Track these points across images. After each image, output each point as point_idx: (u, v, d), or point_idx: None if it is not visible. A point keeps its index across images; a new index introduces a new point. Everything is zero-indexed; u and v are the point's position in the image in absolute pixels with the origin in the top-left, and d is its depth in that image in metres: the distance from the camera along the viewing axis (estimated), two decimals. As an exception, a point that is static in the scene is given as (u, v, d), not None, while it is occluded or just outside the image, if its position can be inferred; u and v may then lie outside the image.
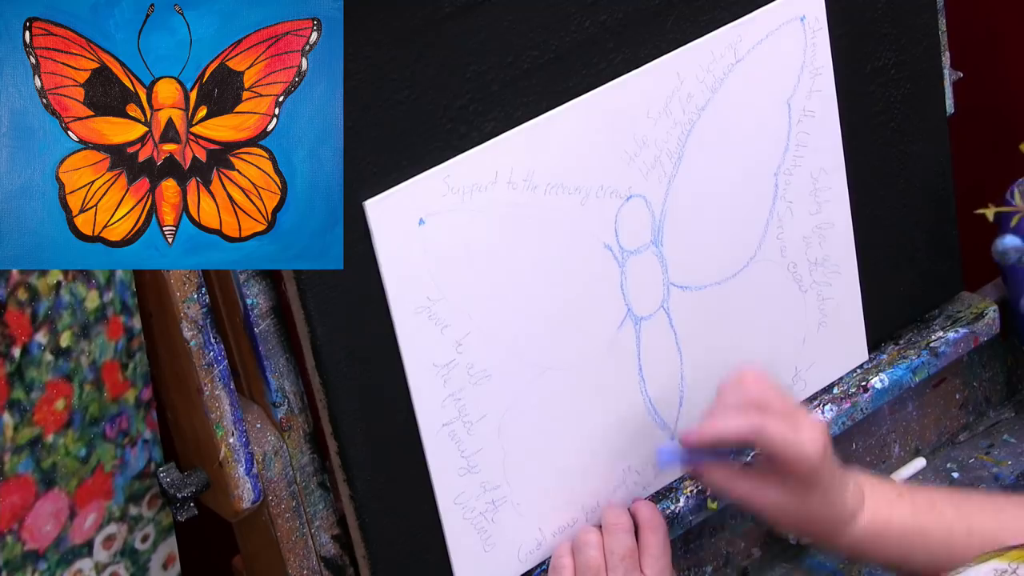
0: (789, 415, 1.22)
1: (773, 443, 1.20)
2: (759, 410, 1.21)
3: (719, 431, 1.23)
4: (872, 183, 1.41)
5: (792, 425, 1.21)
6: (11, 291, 1.04)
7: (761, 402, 1.22)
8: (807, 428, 1.21)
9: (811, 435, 1.21)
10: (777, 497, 1.23)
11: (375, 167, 1.12)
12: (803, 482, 1.22)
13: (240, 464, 1.16)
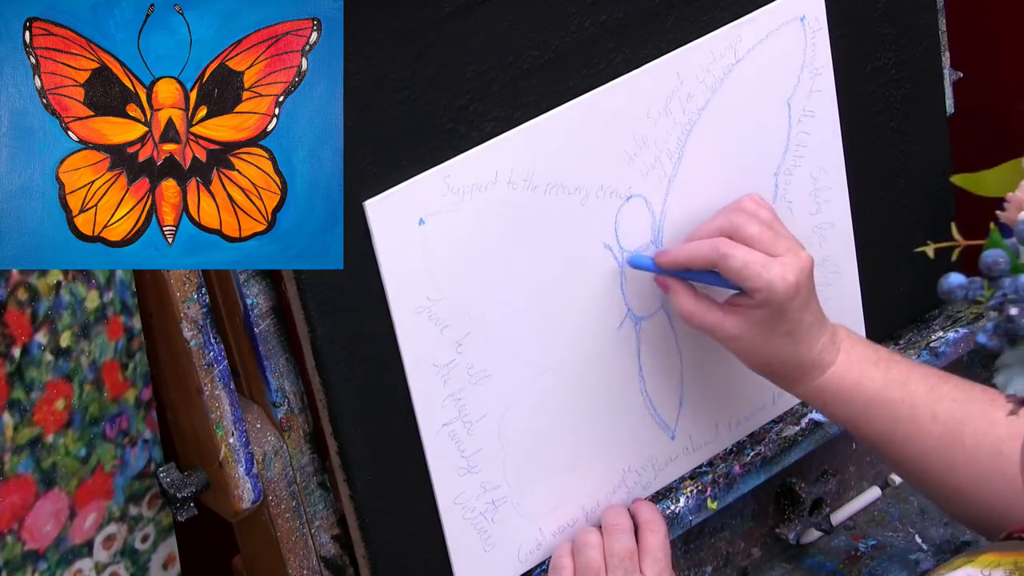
0: (769, 247, 1.20)
1: (734, 272, 1.19)
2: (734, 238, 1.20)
3: (686, 254, 1.22)
4: (872, 183, 1.41)
5: (765, 258, 1.19)
6: (11, 291, 1.04)
7: (737, 230, 1.21)
8: (780, 264, 1.19)
9: (781, 272, 1.19)
10: (741, 330, 1.22)
11: (375, 167, 1.12)
12: (768, 318, 1.20)
13: (240, 464, 1.16)
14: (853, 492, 1.51)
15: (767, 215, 1.24)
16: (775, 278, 1.19)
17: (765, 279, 1.19)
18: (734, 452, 1.38)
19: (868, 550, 1.48)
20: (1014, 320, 0.76)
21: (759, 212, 1.24)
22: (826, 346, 1.23)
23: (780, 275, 1.19)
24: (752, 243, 1.21)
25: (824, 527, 1.47)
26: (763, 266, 1.19)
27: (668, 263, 1.24)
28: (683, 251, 1.23)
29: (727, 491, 1.37)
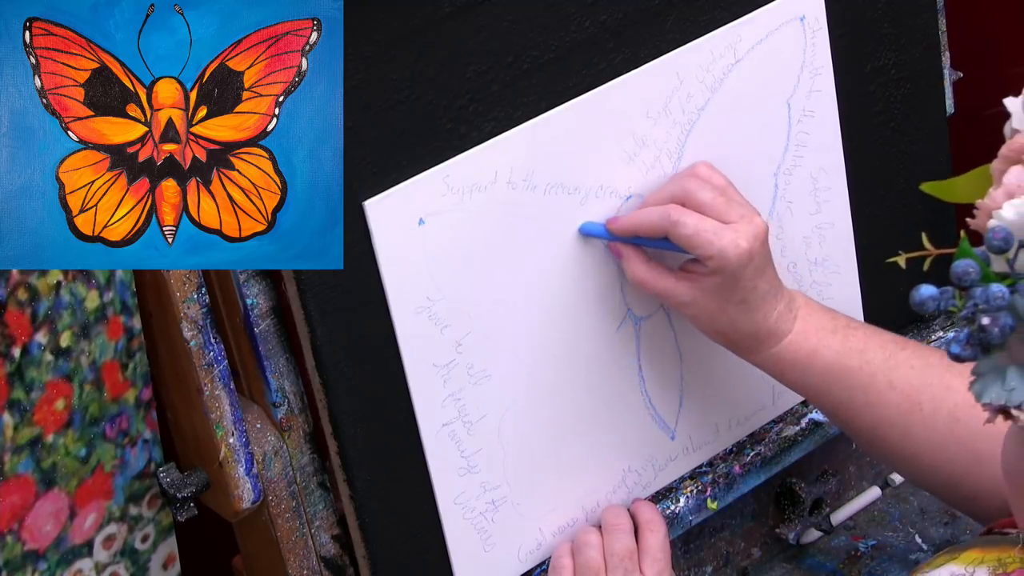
0: (722, 214, 1.18)
1: (684, 239, 1.18)
2: (687, 204, 1.19)
3: (637, 222, 1.21)
4: (872, 183, 1.41)
5: (717, 225, 1.18)
6: (11, 291, 1.04)
7: (688, 196, 1.19)
8: (733, 231, 1.18)
9: (734, 239, 1.17)
10: (694, 297, 1.20)
11: (375, 167, 1.12)
12: (721, 286, 1.19)
13: (240, 464, 1.16)
14: (853, 492, 1.51)
15: (720, 181, 1.22)
16: (727, 245, 1.17)
17: (717, 246, 1.17)
18: (734, 452, 1.38)
19: (868, 550, 1.48)
20: (986, 330, 0.76)
21: (712, 178, 1.22)
22: (782, 314, 1.22)
23: (732, 242, 1.17)
24: (704, 210, 1.19)
25: (824, 527, 1.47)
26: (715, 233, 1.17)
27: (619, 230, 1.22)
28: (634, 218, 1.21)
29: (727, 491, 1.37)
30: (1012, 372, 0.77)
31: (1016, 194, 0.78)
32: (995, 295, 0.75)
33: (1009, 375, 0.77)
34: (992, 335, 0.75)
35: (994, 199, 0.79)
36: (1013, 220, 0.77)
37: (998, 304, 0.75)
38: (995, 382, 0.77)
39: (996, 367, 0.77)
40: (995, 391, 0.77)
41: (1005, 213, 0.77)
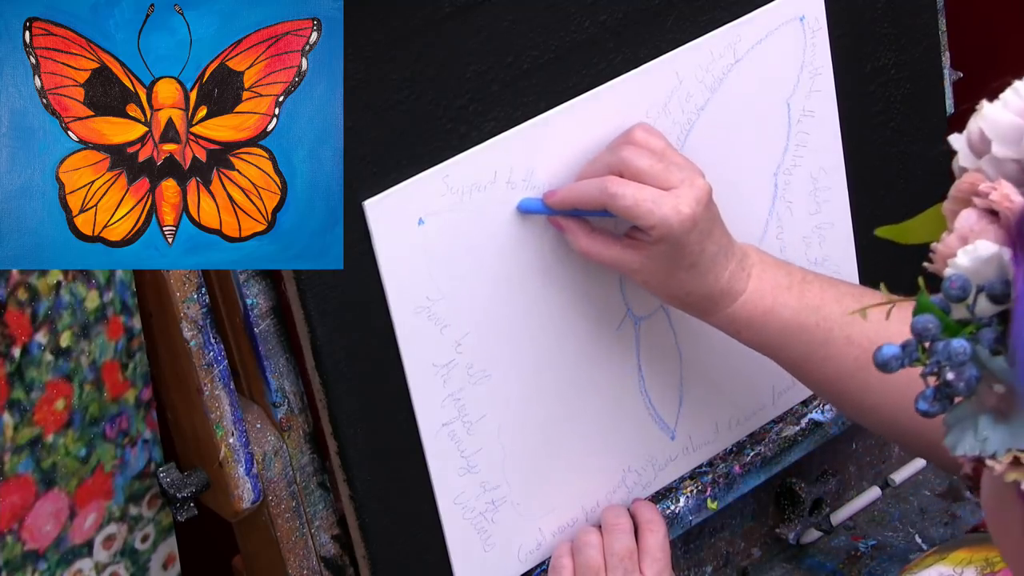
0: (662, 180, 1.15)
1: (624, 211, 1.15)
2: (624, 173, 1.16)
3: (575, 196, 1.18)
4: (872, 183, 1.41)
5: (656, 193, 1.15)
6: (11, 291, 1.04)
7: (625, 165, 1.16)
8: (674, 197, 1.15)
9: (675, 205, 1.14)
10: (642, 265, 1.18)
11: (375, 167, 1.12)
12: (668, 253, 1.16)
13: (240, 464, 1.16)
14: (853, 492, 1.51)
15: (659, 144, 1.19)
16: (668, 213, 1.14)
17: (658, 215, 1.14)
18: (734, 452, 1.38)
19: (868, 550, 1.48)
20: (952, 385, 0.75)
21: (649, 142, 1.18)
22: (735, 273, 1.19)
23: (674, 209, 1.14)
24: (643, 177, 1.15)
25: (824, 527, 1.47)
26: (655, 202, 1.14)
27: (558, 204, 1.18)
28: (571, 191, 1.18)
29: (727, 491, 1.37)
30: (983, 421, 0.75)
31: (969, 238, 0.77)
32: (956, 352, 0.74)
33: (981, 424, 0.75)
34: (958, 389, 0.75)
35: (948, 245, 0.78)
36: (969, 267, 0.76)
37: (960, 360, 0.74)
38: (967, 432, 0.76)
39: (967, 416, 0.76)
40: (968, 442, 0.76)
41: (960, 261, 0.76)
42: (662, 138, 1.20)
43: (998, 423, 0.75)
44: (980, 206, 0.77)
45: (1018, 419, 0.74)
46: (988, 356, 0.74)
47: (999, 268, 0.75)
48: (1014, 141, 0.79)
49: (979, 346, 0.75)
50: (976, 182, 0.78)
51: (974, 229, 0.77)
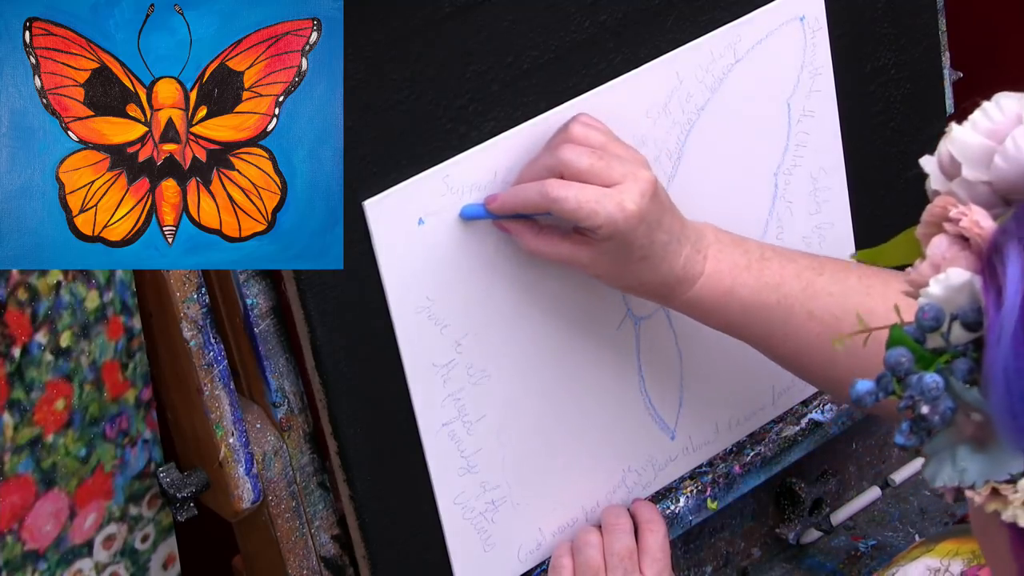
0: (604, 177, 1.13)
1: (568, 215, 1.13)
2: (565, 174, 1.14)
3: (517, 202, 1.16)
4: (872, 183, 1.41)
5: (598, 193, 1.13)
6: (11, 291, 1.04)
7: (566, 167, 1.14)
8: (618, 193, 1.13)
9: (619, 202, 1.12)
10: (594, 261, 1.16)
11: (375, 167, 1.12)
12: (617, 249, 1.15)
13: (240, 464, 1.16)
14: (853, 492, 1.51)
15: (598, 139, 1.16)
16: (613, 211, 1.12)
17: (603, 216, 1.13)
18: (734, 452, 1.38)
19: (868, 550, 1.48)
20: (927, 419, 0.74)
21: (589, 137, 1.16)
22: (690, 258, 1.18)
23: (618, 207, 1.13)
24: (584, 177, 1.13)
25: (824, 527, 1.47)
26: (598, 202, 1.12)
27: (499, 209, 1.16)
28: (512, 196, 1.16)
29: (727, 491, 1.37)
30: (962, 451, 0.75)
31: (942, 266, 0.76)
32: (929, 387, 0.74)
33: (959, 454, 0.75)
34: (933, 423, 0.74)
35: (922, 273, 0.77)
36: (941, 295, 0.75)
37: (934, 395, 0.74)
38: (946, 463, 0.75)
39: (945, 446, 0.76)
40: (947, 473, 0.75)
41: (933, 290, 0.75)
42: (603, 130, 1.18)
43: (976, 453, 0.74)
44: (951, 232, 0.76)
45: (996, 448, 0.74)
46: (962, 388, 0.74)
47: (971, 296, 0.75)
48: (984, 164, 0.78)
49: (953, 378, 0.74)
50: (947, 206, 0.77)
51: (946, 256, 0.76)
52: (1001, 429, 0.73)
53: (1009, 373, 0.72)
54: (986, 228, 0.75)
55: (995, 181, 0.78)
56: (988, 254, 0.75)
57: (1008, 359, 0.72)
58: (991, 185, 0.78)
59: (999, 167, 0.77)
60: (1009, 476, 0.73)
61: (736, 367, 1.34)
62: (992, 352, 0.72)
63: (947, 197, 0.78)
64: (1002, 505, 0.73)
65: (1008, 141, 0.77)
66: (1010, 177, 0.77)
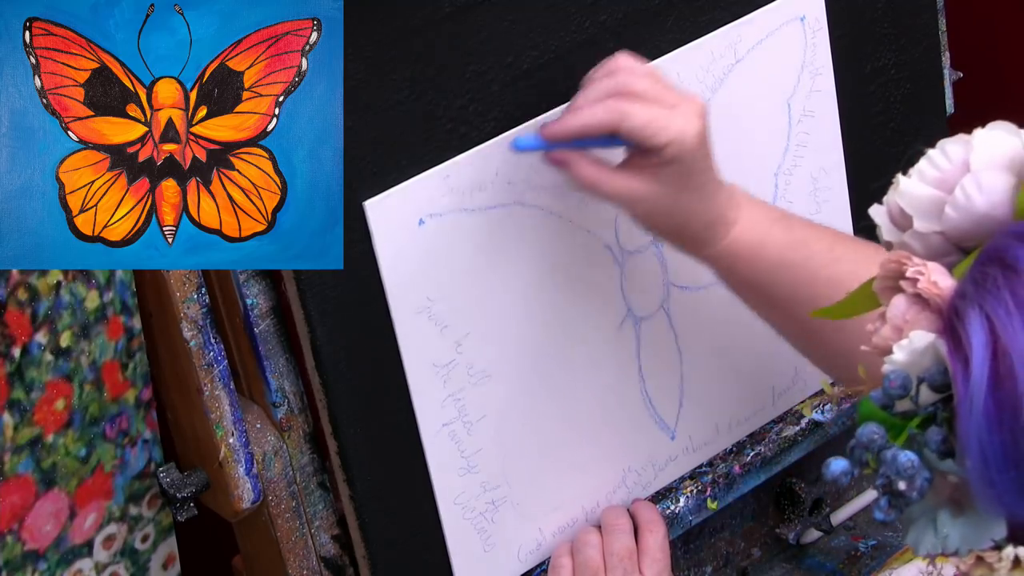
0: (660, 100, 1.12)
1: (637, 131, 1.10)
2: (623, 96, 1.12)
3: (581, 123, 1.12)
4: (872, 183, 1.41)
5: (666, 111, 1.11)
6: (11, 291, 1.04)
7: (627, 88, 1.12)
8: (682, 114, 1.11)
9: (685, 121, 1.11)
10: (650, 191, 1.13)
11: (375, 167, 1.12)
12: (677, 174, 1.12)
13: (240, 464, 1.16)
14: (853, 492, 1.51)
15: (648, 67, 1.15)
16: (682, 127, 1.11)
17: (673, 130, 1.10)
18: (734, 452, 1.38)
19: (868, 550, 1.48)
20: (904, 494, 0.74)
21: (637, 67, 1.14)
22: (727, 202, 1.16)
23: (684, 124, 1.11)
24: (645, 99, 1.12)
25: (824, 527, 1.47)
26: (667, 119, 1.11)
27: (559, 135, 1.13)
28: (576, 119, 1.12)
29: (727, 491, 1.37)
30: (942, 517, 0.74)
31: (904, 329, 0.76)
32: (904, 466, 0.73)
33: (940, 520, 0.74)
34: (911, 498, 0.74)
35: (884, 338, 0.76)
36: (906, 361, 0.75)
37: (909, 474, 0.73)
38: (927, 530, 0.75)
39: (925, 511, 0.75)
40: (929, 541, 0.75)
41: (897, 357, 0.74)
42: (645, 60, 1.17)
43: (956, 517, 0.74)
44: (910, 291, 0.76)
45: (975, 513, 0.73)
46: (936, 459, 0.74)
47: (936, 357, 0.74)
48: (934, 215, 0.77)
49: (926, 450, 0.74)
50: (902, 262, 0.76)
51: (907, 319, 0.76)
52: (979, 497, 0.72)
53: (984, 444, 0.71)
54: (944, 288, 0.74)
55: (948, 231, 0.77)
56: (949, 317, 0.74)
57: (982, 430, 0.71)
58: (944, 235, 0.77)
59: (951, 217, 0.76)
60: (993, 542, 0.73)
61: (736, 367, 1.34)
62: (964, 424, 0.72)
63: (901, 252, 0.77)
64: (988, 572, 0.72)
65: (957, 191, 0.76)
66: (963, 226, 0.76)
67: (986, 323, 0.72)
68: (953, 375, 0.72)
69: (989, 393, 0.71)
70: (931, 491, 0.74)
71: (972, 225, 0.76)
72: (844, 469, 0.75)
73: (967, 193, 0.76)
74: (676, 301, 1.30)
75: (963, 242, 0.77)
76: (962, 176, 0.76)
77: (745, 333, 1.35)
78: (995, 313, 0.72)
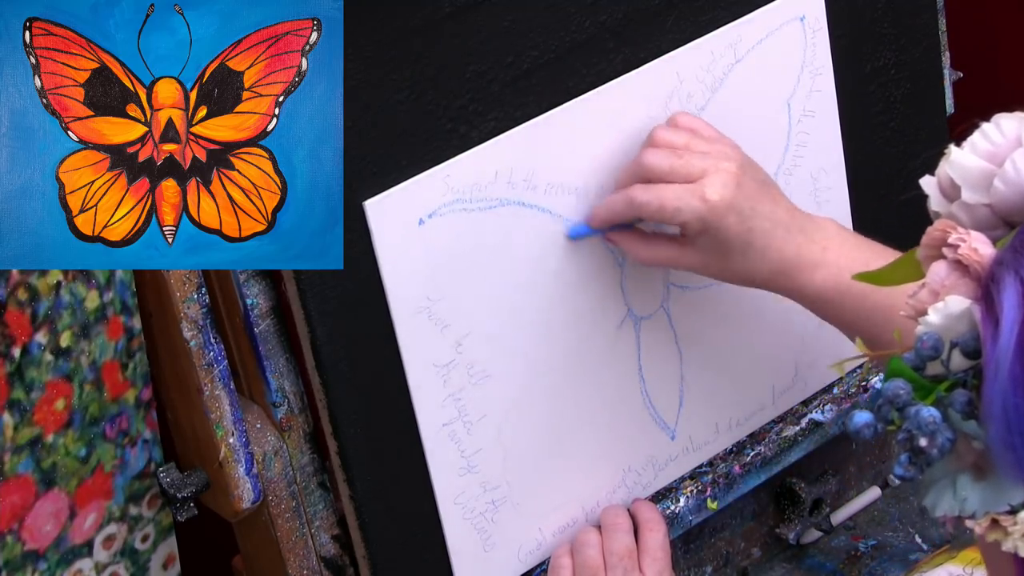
0: (687, 174, 1.14)
1: (653, 215, 1.15)
2: (650, 179, 1.15)
3: (608, 215, 1.18)
4: (872, 183, 1.41)
5: (678, 191, 1.14)
6: (11, 291, 1.04)
7: (645, 172, 1.16)
8: (700, 187, 1.13)
9: (701, 196, 1.13)
10: (695, 259, 1.17)
11: (375, 167, 1.12)
12: (714, 243, 1.15)
13: (240, 464, 1.16)
14: (853, 492, 1.51)
15: (680, 139, 1.18)
16: (696, 206, 1.13)
17: (686, 211, 1.14)
18: (734, 452, 1.38)
19: (868, 550, 1.48)
20: (925, 451, 0.74)
21: (671, 139, 1.18)
22: (804, 246, 1.16)
23: (700, 200, 1.13)
24: (667, 178, 1.15)
25: (824, 527, 1.47)
26: (679, 199, 1.14)
27: (599, 223, 1.20)
28: (604, 210, 1.19)
29: (727, 491, 1.37)
30: (962, 480, 0.74)
31: (941, 293, 0.76)
32: (926, 421, 0.74)
33: (959, 483, 0.74)
34: (931, 456, 0.74)
35: (921, 300, 0.76)
36: (940, 324, 0.75)
37: (931, 429, 0.74)
38: (946, 492, 0.75)
39: (945, 474, 0.75)
40: (947, 502, 0.75)
41: (931, 319, 0.75)
42: (685, 129, 1.18)
43: (977, 482, 0.74)
44: (951, 258, 0.76)
45: (995, 478, 0.73)
46: (960, 420, 0.74)
47: (971, 323, 0.74)
48: (983, 187, 0.78)
49: (951, 410, 0.74)
50: (947, 230, 0.77)
51: (945, 283, 0.76)
52: (999, 462, 0.73)
53: (1008, 407, 0.72)
54: (984, 256, 0.75)
55: (995, 204, 0.77)
56: (986, 283, 0.74)
57: (1007, 394, 0.72)
58: (991, 207, 0.78)
59: (999, 190, 0.77)
60: (1009, 507, 0.73)
61: (736, 367, 1.35)
62: (990, 386, 0.72)
63: (946, 221, 0.77)
64: (1002, 535, 0.72)
65: (1008, 164, 0.77)
66: (1010, 200, 0.77)
67: (1020, 288, 0.72)
68: (983, 338, 0.73)
69: (1017, 355, 0.71)
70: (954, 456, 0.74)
71: (1020, 199, 0.77)
72: (867, 421, 0.76)
73: (1017, 167, 0.77)
74: (676, 301, 1.30)
75: (1010, 216, 0.77)
76: (1013, 150, 0.77)
77: (745, 333, 1.35)
78: None
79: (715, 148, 1.18)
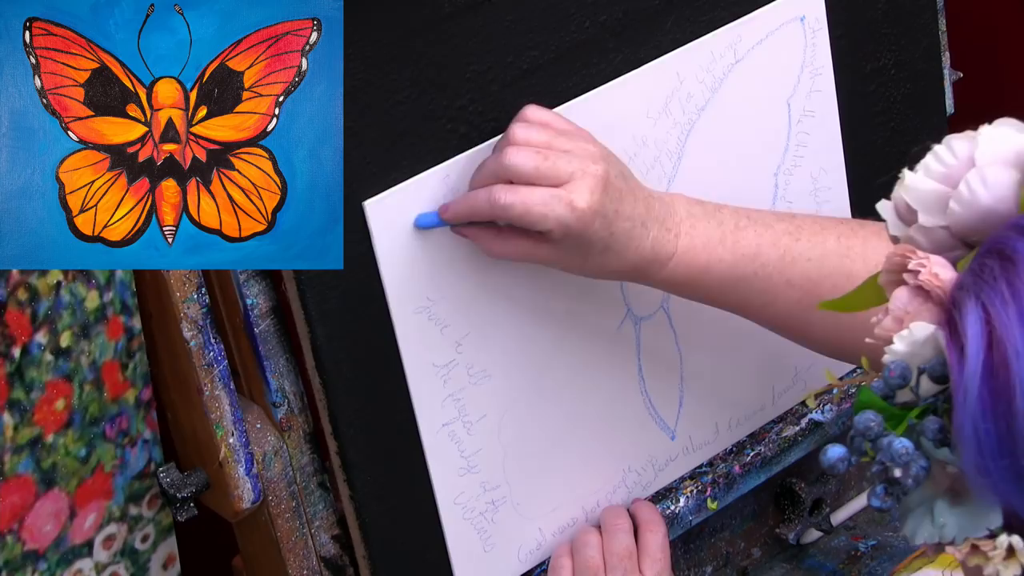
0: (552, 177, 1.10)
1: (517, 221, 1.11)
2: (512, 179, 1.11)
3: (468, 211, 1.13)
4: (872, 183, 1.41)
5: (546, 195, 1.10)
6: (11, 291, 1.04)
7: (508, 172, 1.11)
8: (567, 193, 1.10)
9: (568, 202, 1.10)
10: (556, 257, 1.14)
11: (375, 167, 1.12)
12: (576, 246, 1.13)
13: (240, 464, 1.16)
14: (853, 492, 1.51)
15: (541, 137, 1.13)
16: (563, 213, 1.10)
17: (552, 218, 1.10)
18: (734, 452, 1.38)
19: (868, 550, 1.48)
20: (900, 482, 0.74)
21: (530, 138, 1.13)
22: (659, 238, 1.15)
23: (568, 207, 1.10)
24: (532, 180, 1.11)
25: (824, 527, 1.47)
26: (545, 204, 1.10)
27: (452, 219, 1.14)
28: (462, 206, 1.14)
29: (727, 491, 1.37)
30: (940, 505, 0.75)
31: (904, 320, 0.76)
32: (899, 452, 0.74)
33: (937, 509, 0.74)
34: (907, 485, 0.74)
35: (886, 328, 0.76)
36: (906, 352, 0.75)
37: (904, 460, 0.74)
38: (924, 519, 0.75)
39: (922, 501, 0.75)
40: (926, 530, 0.75)
41: (897, 347, 0.75)
42: (546, 124, 1.15)
43: (954, 507, 0.74)
44: (912, 284, 0.76)
45: (972, 503, 0.73)
46: (933, 448, 0.74)
47: (937, 348, 0.74)
48: (939, 209, 0.78)
49: (923, 438, 0.74)
50: (906, 255, 0.77)
51: (908, 310, 0.76)
52: (974, 486, 0.73)
53: (979, 432, 0.72)
54: (945, 280, 0.75)
55: (952, 225, 0.77)
56: (949, 308, 0.74)
57: (976, 419, 0.72)
58: (949, 229, 0.78)
59: (955, 212, 0.77)
60: (988, 531, 0.73)
61: (736, 367, 1.34)
62: (960, 412, 0.72)
63: (905, 246, 0.78)
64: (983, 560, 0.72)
65: (962, 185, 0.77)
66: (967, 220, 0.77)
67: (982, 313, 0.72)
68: (950, 364, 0.73)
69: (984, 381, 0.71)
70: (930, 481, 0.75)
71: (976, 220, 0.77)
72: (841, 455, 0.76)
73: (972, 188, 0.77)
74: (676, 301, 1.30)
75: (968, 237, 0.77)
76: (967, 171, 0.77)
77: (745, 333, 1.35)
78: (991, 303, 0.72)
79: (577, 146, 1.14)
